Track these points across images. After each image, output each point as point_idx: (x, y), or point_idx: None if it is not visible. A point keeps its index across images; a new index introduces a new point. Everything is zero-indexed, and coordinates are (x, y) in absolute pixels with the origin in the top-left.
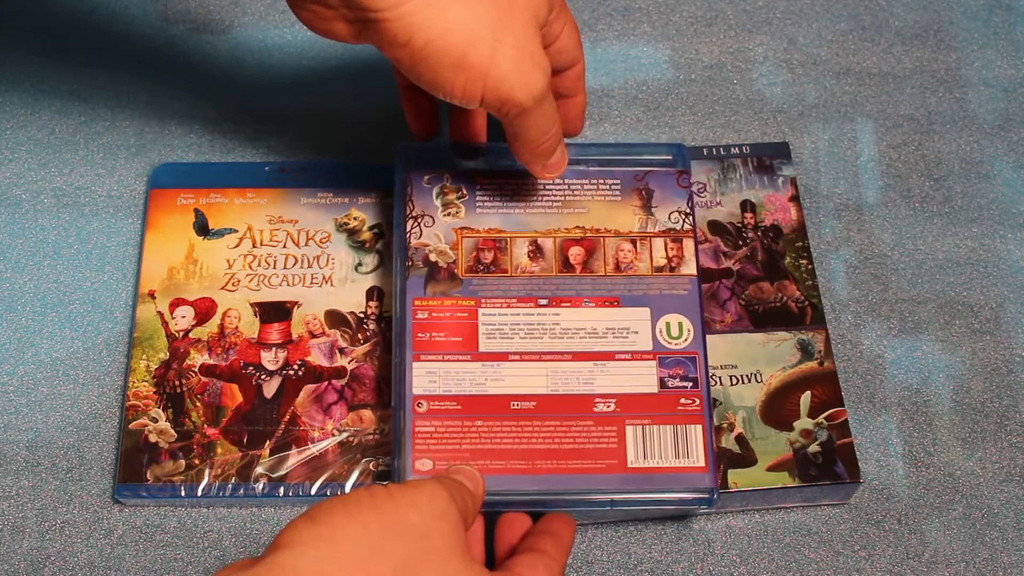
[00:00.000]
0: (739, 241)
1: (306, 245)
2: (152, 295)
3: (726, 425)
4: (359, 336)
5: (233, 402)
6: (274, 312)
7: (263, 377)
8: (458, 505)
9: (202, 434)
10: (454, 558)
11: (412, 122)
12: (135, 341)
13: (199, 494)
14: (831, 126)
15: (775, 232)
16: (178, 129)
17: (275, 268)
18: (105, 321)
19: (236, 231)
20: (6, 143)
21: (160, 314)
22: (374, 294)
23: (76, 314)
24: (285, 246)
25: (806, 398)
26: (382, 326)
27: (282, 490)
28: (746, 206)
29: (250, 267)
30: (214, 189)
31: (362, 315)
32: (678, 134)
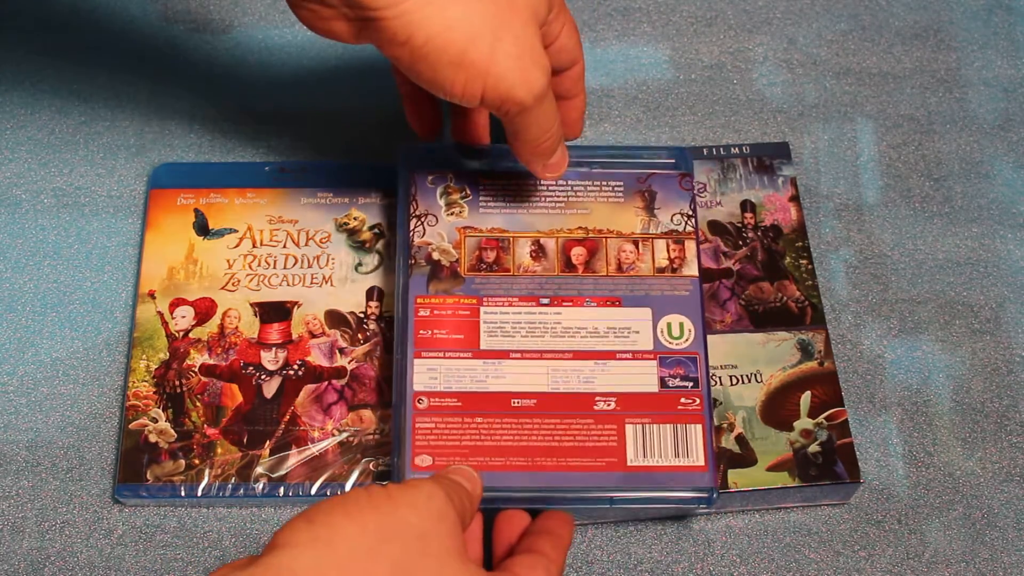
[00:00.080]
0: (739, 241)
1: (306, 245)
2: (152, 295)
3: (726, 425)
4: (359, 336)
5: (233, 402)
6: (274, 312)
7: (263, 377)
8: (456, 505)
9: (202, 434)
10: (451, 559)
11: (413, 123)
12: (135, 341)
13: (199, 494)
14: (831, 126)
15: (775, 232)
16: (178, 129)
17: (275, 268)
18: (105, 321)
19: (236, 231)
20: (6, 143)
21: (160, 314)
22: (374, 294)
23: (76, 314)
24: (285, 246)
25: (806, 398)
26: (382, 326)
27: (282, 490)
28: (746, 206)
29: (250, 267)
30: (214, 189)
31: (362, 315)
32: (678, 134)
